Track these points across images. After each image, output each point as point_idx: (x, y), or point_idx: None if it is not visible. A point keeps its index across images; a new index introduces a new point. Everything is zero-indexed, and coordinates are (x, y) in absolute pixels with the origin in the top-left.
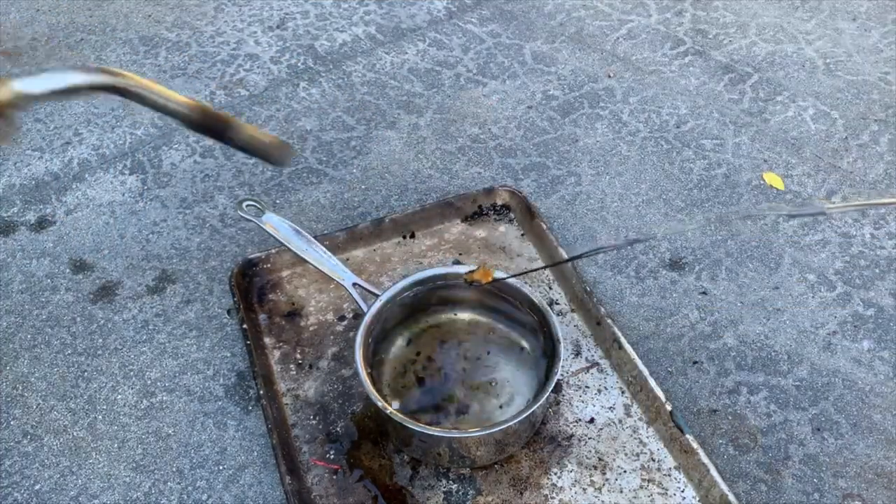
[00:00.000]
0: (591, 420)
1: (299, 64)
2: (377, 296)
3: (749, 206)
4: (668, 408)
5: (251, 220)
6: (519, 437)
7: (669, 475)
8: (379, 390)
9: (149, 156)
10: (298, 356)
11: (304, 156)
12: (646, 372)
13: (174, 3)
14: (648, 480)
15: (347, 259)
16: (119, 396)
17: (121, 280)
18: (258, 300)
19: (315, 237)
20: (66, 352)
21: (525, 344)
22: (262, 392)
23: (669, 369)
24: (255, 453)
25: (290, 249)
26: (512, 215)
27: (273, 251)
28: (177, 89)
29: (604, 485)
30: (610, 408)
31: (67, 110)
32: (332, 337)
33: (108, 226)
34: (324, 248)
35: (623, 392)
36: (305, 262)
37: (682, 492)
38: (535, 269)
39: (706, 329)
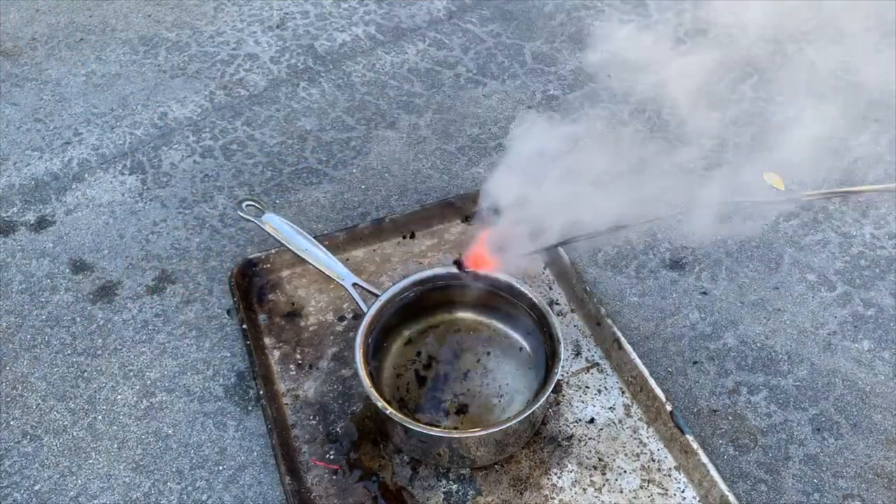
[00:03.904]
0: (591, 420)
1: (299, 64)
2: (377, 296)
3: (724, 194)
4: (668, 408)
5: (251, 220)
6: (519, 437)
7: (669, 475)
8: (379, 390)
9: (148, 156)
10: (298, 356)
11: (305, 156)
12: (646, 372)
13: (174, 3)
14: (648, 481)
15: (347, 259)
16: (119, 396)
17: (120, 280)
18: (258, 300)
19: (315, 237)
20: (65, 352)
21: (525, 344)
22: (262, 392)
23: (669, 369)
24: (255, 453)
25: (290, 249)
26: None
27: (273, 251)
28: (177, 89)
29: (604, 485)
30: (610, 408)
31: (67, 110)
32: (332, 337)
33: (108, 226)
34: (324, 248)
35: (623, 392)
36: (305, 262)
37: (683, 492)
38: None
39: (706, 329)
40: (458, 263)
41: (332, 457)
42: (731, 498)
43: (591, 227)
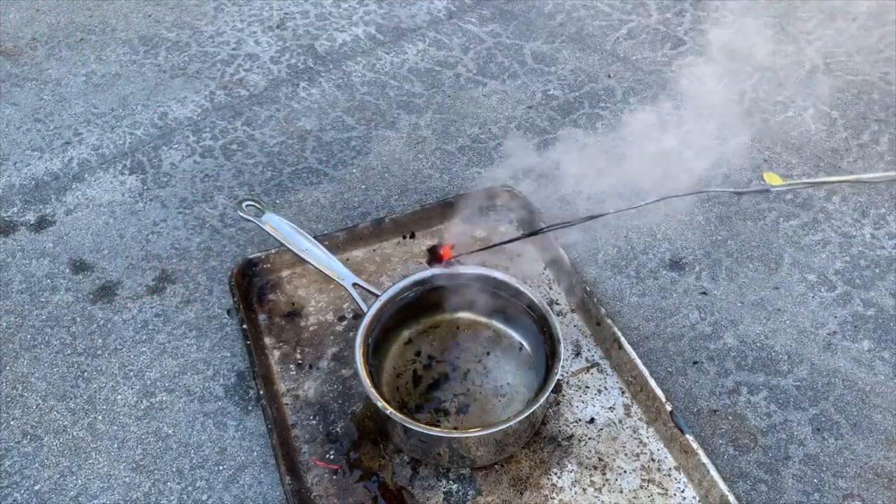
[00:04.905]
0: (591, 420)
1: (299, 64)
2: (377, 296)
3: (699, 186)
4: (668, 408)
5: (251, 220)
6: (519, 437)
7: (669, 475)
8: (379, 390)
9: (148, 156)
10: (298, 356)
11: (304, 156)
12: (646, 372)
13: (174, 3)
14: (648, 480)
15: (347, 259)
16: (119, 396)
17: (121, 280)
18: (258, 300)
19: (315, 237)
20: (66, 352)
21: (525, 344)
22: (262, 392)
23: (669, 369)
24: (255, 453)
25: (290, 249)
26: (512, 215)
27: (273, 251)
28: (177, 89)
29: (604, 485)
30: (610, 408)
31: (67, 110)
32: (332, 337)
33: (108, 226)
34: (324, 248)
35: (623, 392)
36: (305, 262)
37: (682, 492)
38: (495, 245)
39: (706, 329)
40: (431, 252)
41: (332, 457)
42: (731, 498)
43: (568, 215)
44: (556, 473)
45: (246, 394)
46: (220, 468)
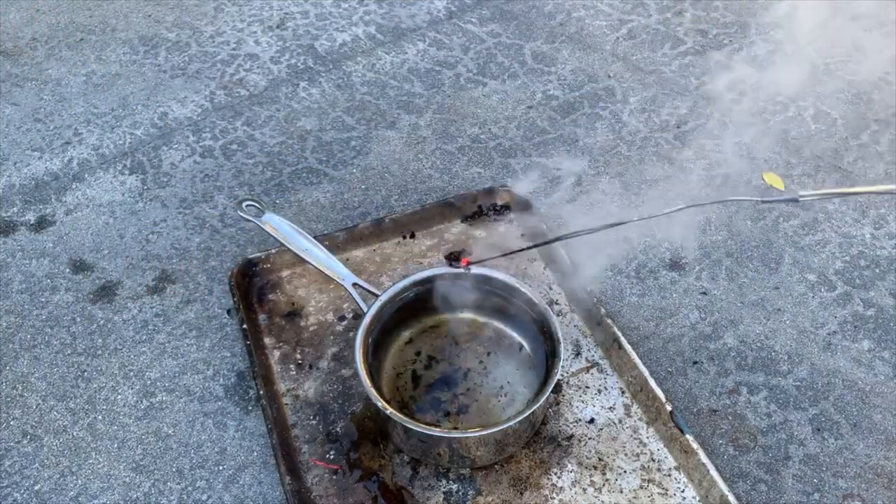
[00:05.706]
0: (591, 420)
1: (299, 64)
2: (377, 296)
3: (724, 194)
4: (668, 408)
5: (251, 220)
6: (519, 437)
7: (669, 475)
8: (379, 390)
9: (148, 156)
10: (298, 356)
11: (305, 156)
12: (646, 372)
13: (174, 3)
14: (648, 480)
15: (347, 259)
16: (119, 396)
17: (121, 280)
18: (258, 300)
19: (315, 237)
20: (66, 352)
21: (525, 344)
22: (262, 392)
23: (669, 369)
24: (255, 453)
25: (290, 249)
26: (512, 215)
27: (273, 251)
28: (177, 89)
29: (604, 485)
30: (610, 408)
31: (67, 110)
32: (332, 337)
33: (108, 226)
34: (324, 248)
35: (623, 392)
36: (305, 262)
37: (682, 492)
38: (508, 254)
39: (706, 329)
40: (450, 257)
41: (332, 457)
42: (731, 498)
43: (585, 224)
44: (556, 473)
45: (246, 394)
46: (220, 468)
